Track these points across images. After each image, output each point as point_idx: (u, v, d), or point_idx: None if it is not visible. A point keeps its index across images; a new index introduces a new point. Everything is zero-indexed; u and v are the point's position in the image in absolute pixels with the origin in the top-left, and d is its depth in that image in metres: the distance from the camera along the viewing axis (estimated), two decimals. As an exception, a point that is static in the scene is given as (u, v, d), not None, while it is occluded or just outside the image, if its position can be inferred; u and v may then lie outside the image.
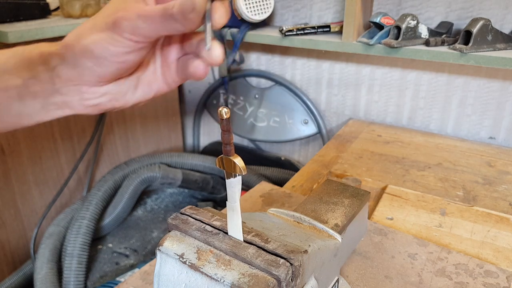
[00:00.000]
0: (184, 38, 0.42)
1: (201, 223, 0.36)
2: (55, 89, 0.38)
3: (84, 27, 0.36)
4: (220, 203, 1.35)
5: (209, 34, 0.35)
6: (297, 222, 0.46)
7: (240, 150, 1.42)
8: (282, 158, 1.36)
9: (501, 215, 0.72)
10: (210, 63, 0.37)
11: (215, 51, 0.36)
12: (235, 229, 0.34)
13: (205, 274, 0.32)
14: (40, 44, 0.39)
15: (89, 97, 0.38)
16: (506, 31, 0.91)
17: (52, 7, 1.04)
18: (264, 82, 1.32)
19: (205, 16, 0.34)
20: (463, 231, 0.68)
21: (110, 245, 1.18)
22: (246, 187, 1.17)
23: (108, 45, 0.34)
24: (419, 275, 0.55)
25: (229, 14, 0.36)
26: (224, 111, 0.31)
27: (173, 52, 0.42)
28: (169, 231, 0.37)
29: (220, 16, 0.34)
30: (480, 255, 0.62)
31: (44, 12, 1.00)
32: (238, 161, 0.32)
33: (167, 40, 0.42)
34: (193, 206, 0.39)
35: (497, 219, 0.71)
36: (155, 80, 0.42)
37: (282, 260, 0.32)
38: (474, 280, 0.54)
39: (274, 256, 0.33)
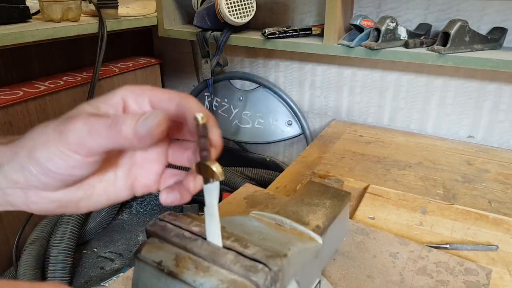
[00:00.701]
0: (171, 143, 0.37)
1: (180, 229, 0.36)
2: None
3: (37, 131, 0.32)
4: (206, 205, 1.35)
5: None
6: (279, 225, 0.46)
7: (226, 152, 1.42)
8: (267, 159, 1.37)
9: (480, 212, 0.73)
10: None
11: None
12: (214, 235, 0.34)
13: (184, 281, 0.32)
14: None
15: (36, 201, 0.34)
16: (483, 32, 0.92)
17: (32, 10, 1.02)
18: (248, 84, 1.32)
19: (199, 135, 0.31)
20: (443, 229, 0.69)
21: (95, 249, 1.17)
22: (231, 188, 1.17)
23: (53, 157, 0.30)
24: (401, 274, 0.56)
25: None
26: (200, 117, 0.30)
27: (156, 165, 0.37)
28: (148, 238, 0.37)
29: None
30: (460, 253, 0.63)
31: (24, 15, 0.98)
32: (216, 167, 0.32)
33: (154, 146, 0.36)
34: (172, 212, 0.38)
35: (476, 217, 0.72)
36: (115, 190, 0.37)
37: (260, 266, 0.32)
38: (455, 278, 0.55)
39: (253, 262, 0.33)
